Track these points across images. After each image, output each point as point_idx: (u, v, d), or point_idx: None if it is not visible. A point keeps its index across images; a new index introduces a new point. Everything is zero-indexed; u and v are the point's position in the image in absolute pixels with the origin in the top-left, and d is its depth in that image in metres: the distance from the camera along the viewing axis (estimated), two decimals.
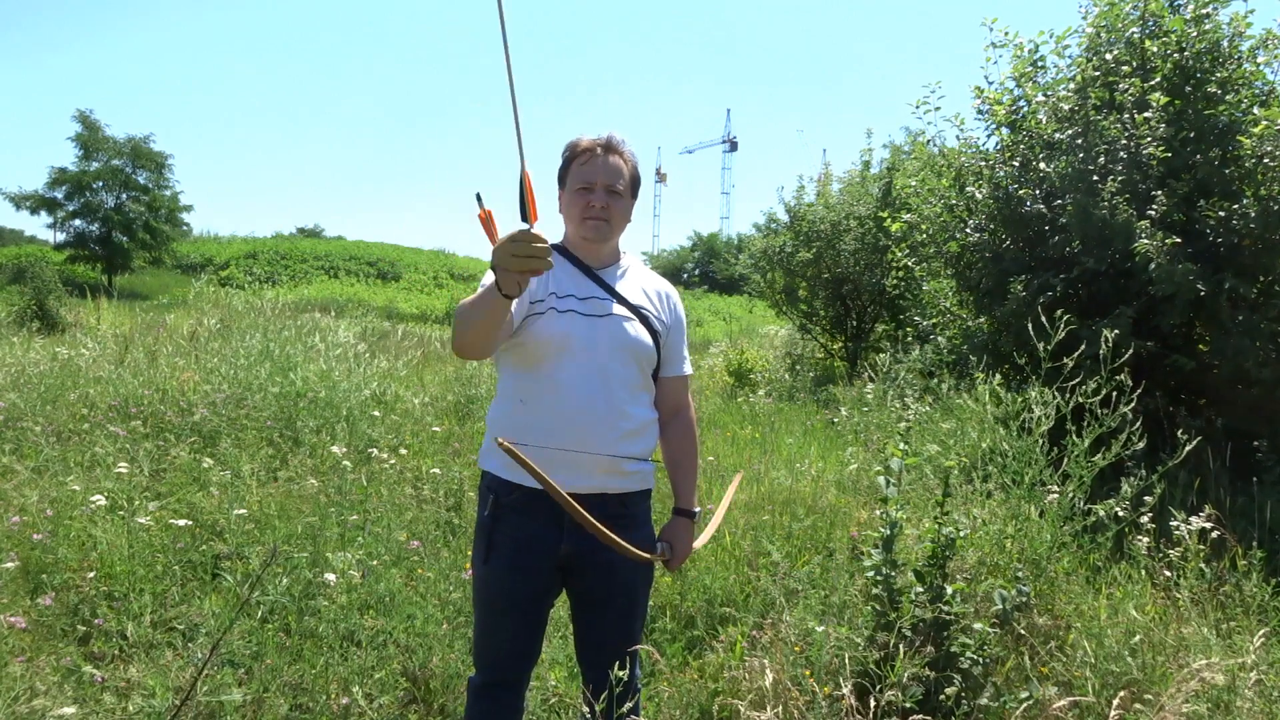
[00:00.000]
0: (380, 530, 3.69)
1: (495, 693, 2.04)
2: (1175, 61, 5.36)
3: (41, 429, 4.85)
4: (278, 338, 7.20)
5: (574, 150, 2.01)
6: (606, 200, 1.98)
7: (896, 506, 2.77)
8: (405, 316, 22.66)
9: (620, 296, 2.01)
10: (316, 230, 52.39)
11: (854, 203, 11.60)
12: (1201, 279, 4.68)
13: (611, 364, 1.94)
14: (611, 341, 1.95)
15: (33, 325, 11.56)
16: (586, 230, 1.99)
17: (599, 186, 1.97)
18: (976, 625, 2.64)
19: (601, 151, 1.98)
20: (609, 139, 2.01)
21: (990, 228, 6.00)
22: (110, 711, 2.49)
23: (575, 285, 2.00)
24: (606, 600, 2.06)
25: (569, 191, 2.01)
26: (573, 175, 2.00)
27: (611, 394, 1.94)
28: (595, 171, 1.97)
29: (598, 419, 1.92)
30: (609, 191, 1.98)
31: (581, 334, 1.93)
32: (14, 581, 3.13)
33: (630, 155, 2.04)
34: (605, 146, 1.99)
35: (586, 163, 1.98)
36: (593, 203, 1.97)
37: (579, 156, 2.00)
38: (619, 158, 2.00)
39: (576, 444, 1.90)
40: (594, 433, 1.91)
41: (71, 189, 29.55)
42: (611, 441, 1.94)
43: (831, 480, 4.90)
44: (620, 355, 1.96)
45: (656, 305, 2.08)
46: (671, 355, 2.11)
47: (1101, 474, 3.28)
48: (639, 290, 2.06)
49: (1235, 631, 2.92)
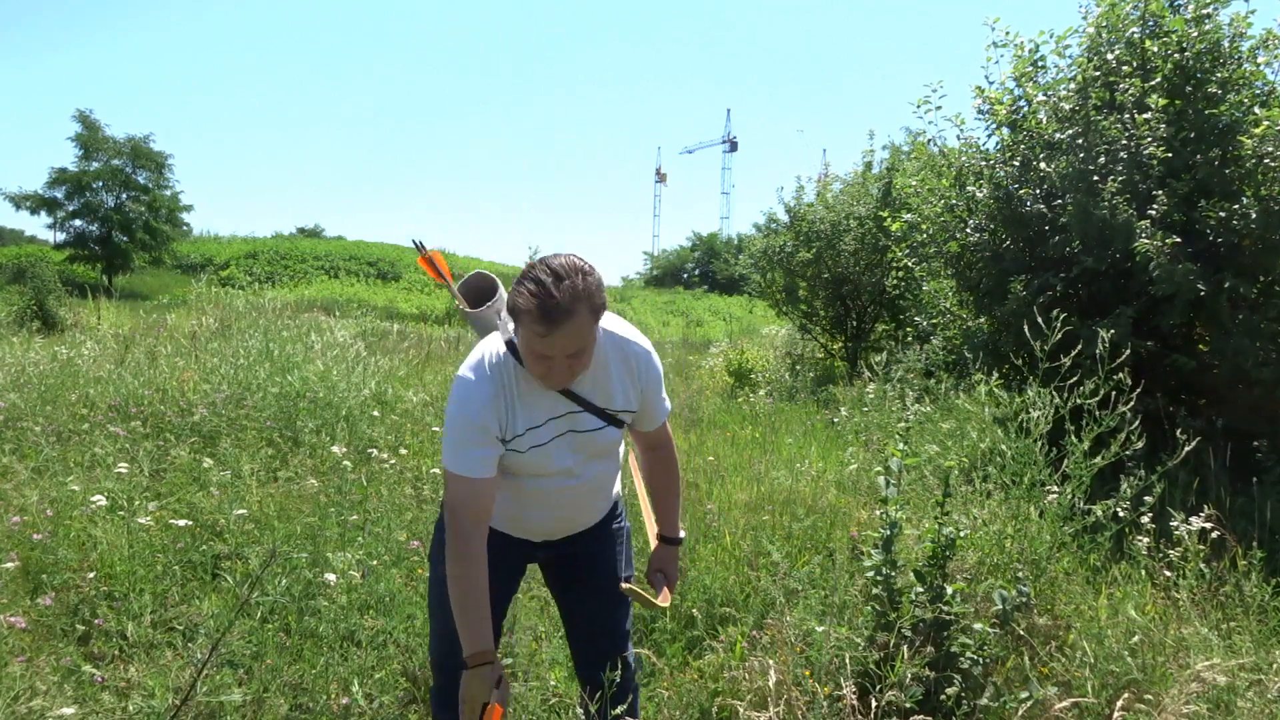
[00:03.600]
0: (380, 530, 3.69)
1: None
2: (1176, 62, 5.36)
3: (41, 429, 4.85)
4: (277, 338, 7.20)
5: (524, 315, 1.66)
6: (570, 363, 1.72)
7: (896, 507, 2.77)
8: (405, 316, 22.65)
9: (590, 405, 1.89)
10: (316, 230, 52.38)
11: (854, 203, 11.59)
12: (1201, 279, 4.68)
13: (591, 466, 1.99)
14: (591, 449, 1.96)
15: (33, 325, 11.56)
16: (547, 385, 1.80)
17: (558, 356, 1.70)
18: (976, 625, 2.64)
19: (559, 322, 1.64)
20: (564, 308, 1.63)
21: (990, 228, 6.00)
22: (110, 711, 2.49)
23: (545, 407, 1.86)
24: (588, 587, 2.12)
25: (524, 344, 1.72)
26: (525, 336, 1.69)
27: (593, 488, 2.04)
28: (552, 346, 1.68)
29: (579, 506, 2.06)
30: (570, 357, 1.71)
31: (555, 456, 1.91)
32: (14, 581, 3.13)
33: (584, 305, 1.66)
34: (563, 316, 1.63)
35: (542, 336, 1.66)
36: (554, 372, 1.74)
37: (532, 325, 1.66)
38: (571, 323, 1.65)
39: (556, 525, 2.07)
40: (574, 516, 2.08)
41: (71, 189, 29.57)
42: (589, 514, 2.11)
43: (831, 480, 4.90)
44: (594, 460, 2.00)
45: (627, 393, 1.94)
46: (649, 413, 2.03)
47: (1101, 474, 3.28)
48: (608, 386, 1.91)
49: (1235, 631, 2.92)
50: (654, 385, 1.99)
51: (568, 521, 2.07)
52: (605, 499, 2.11)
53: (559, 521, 2.06)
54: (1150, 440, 3.46)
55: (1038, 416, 3.23)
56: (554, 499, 1.99)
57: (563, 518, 2.06)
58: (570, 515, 2.06)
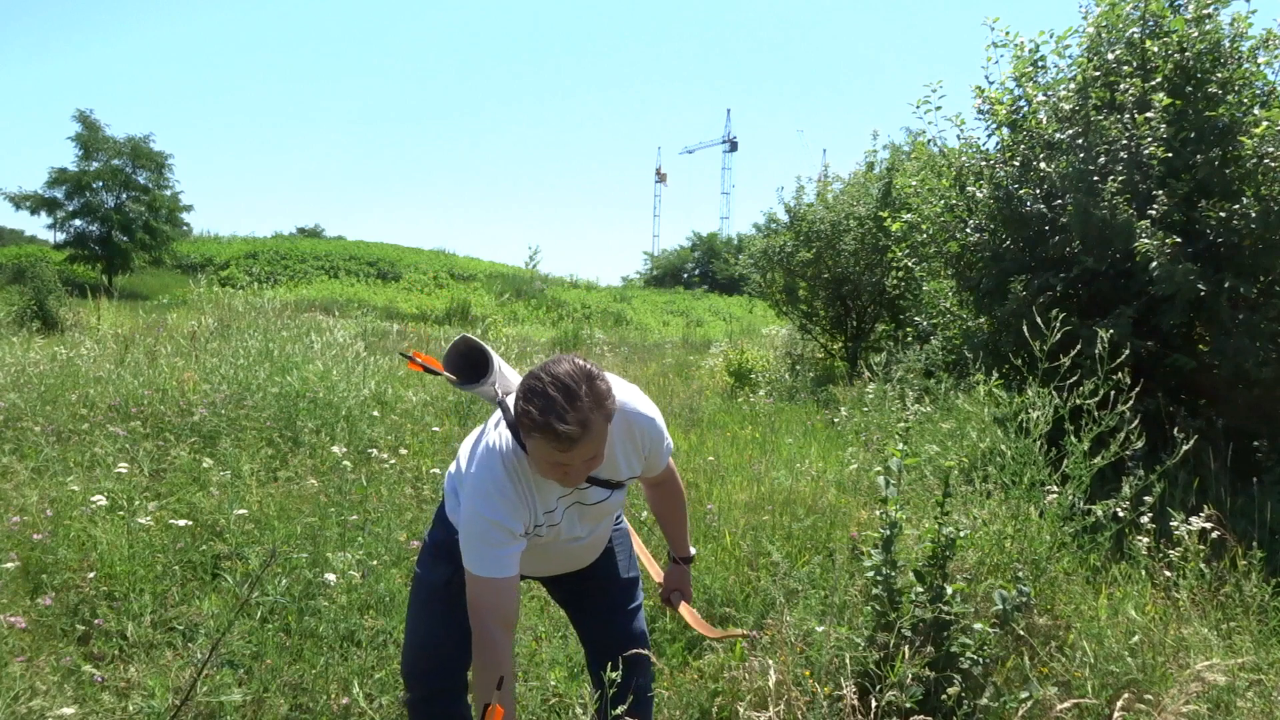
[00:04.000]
0: (380, 530, 3.69)
1: (443, 703, 2.04)
2: (1176, 62, 5.36)
3: (41, 429, 4.85)
4: (277, 338, 7.20)
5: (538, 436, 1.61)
6: (586, 466, 1.69)
7: (896, 507, 2.76)
8: (405, 316, 22.65)
9: (596, 480, 1.89)
10: (316, 230, 52.33)
11: (854, 203, 11.59)
12: (1202, 279, 4.68)
13: (592, 532, 2.05)
14: (579, 524, 1.99)
15: (33, 325, 11.55)
16: (562, 484, 1.76)
17: (577, 465, 1.67)
18: (976, 625, 2.64)
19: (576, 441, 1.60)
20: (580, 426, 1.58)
21: (990, 228, 6.00)
22: (110, 711, 2.49)
23: (549, 496, 1.85)
24: (594, 590, 2.17)
25: (537, 455, 1.66)
26: (540, 450, 1.64)
27: (594, 543, 2.10)
28: (569, 459, 1.64)
29: (578, 561, 2.13)
30: (586, 462, 1.68)
31: (565, 528, 1.95)
32: (14, 581, 3.13)
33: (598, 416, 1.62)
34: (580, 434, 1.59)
35: (561, 451, 1.62)
36: (571, 476, 1.70)
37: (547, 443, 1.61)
38: (587, 438, 1.61)
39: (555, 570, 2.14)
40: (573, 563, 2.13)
41: (71, 189, 29.54)
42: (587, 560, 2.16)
43: (831, 480, 4.90)
44: (589, 526, 2.03)
45: (631, 462, 1.93)
46: (654, 466, 2.02)
47: (1101, 474, 3.28)
48: (614, 463, 1.89)
49: (1235, 631, 2.92)
50: (656, 444, 1.96)
51: (568, 567, 2.14)
52: (604, 544, 2.17)
53: (561, 568, 2.13)
54: (1150, 440, 3.46)
55: (1037, 416, 3.23)
56: (558, 553, 2.04)
57: (566, 565, 2.13)
58: (572, 563, 2.13)
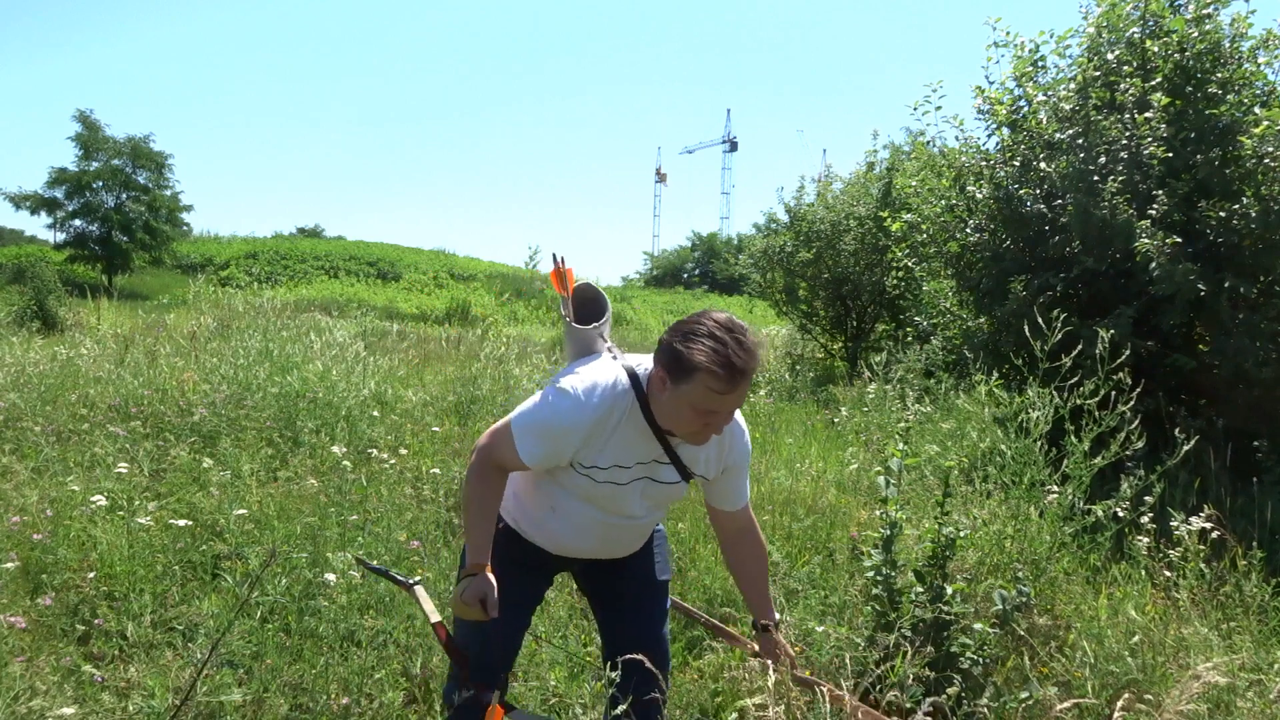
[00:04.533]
0: (380, 530, 3.68)
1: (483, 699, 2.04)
2: (1176, 62, 5.36)
3: (41, 429, 4.84)
4: (277, 338, 7.19)
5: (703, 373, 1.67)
6: (727, 420, 1.78)
7: (896, 507, 2.77)
8: (405, 316, 22.65)
9: (676, 459, 1.89)
10: (316, 230, 52.32)
11: (854, 203, 11.60)
12: (1202, 279, 4.68)
13: (647, 516, 2.00)
14: (641, 500, 1.95)
15: (33, 325, 11.55)
16: (692, 441, 1.82)
17: (723, 413, 1.74)
18: (976, 625, 2.64)
19: (738, 381, 1.69)
20: (744, 366, 1.67)
21: (990, 228, 6.00)
22: (110, 711, 2.49)
23: (637, 452, 1.86)
24: (628, 592, 2.11)
25: (686, 401, 1.71)
26: (694, 393, 1.69)
27: (641, 526, 2.03)
28: (725, 403, 1.71)
29: (623, 546, 2.07)
30: (727, 416, 1.76)
31: (627, 499, 1.93)
32: (14, 581, 3.13)
33: (758, 356, 1.72)
34: (742, 374, 1.68)
35: (722, 393, 1.69)
36: (712, 427, 1.76)
37: (712, 383, 1.67)
38: (746, 383, 1.72)
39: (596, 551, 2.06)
40: (616, 546, 2.07)
41: (71, 189, 29.53)
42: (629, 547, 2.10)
43: (831, 480, 4.90)
44: (656, 509, 2.00)
45: (709, 461, 1.94)
46: (729, 489, 2.01)
47: (1101, 474, 3.28)
48: (699, 454, 1.92)
49: (1235, 631, 2.92)
50: (739, 461, 1.98)
51: (608, 551, 2.07)
52: (646, 537, 2.12)
53: (601, 550, 2.06)
54: (1150, 440, 3.46)
55: (1038, 416, 3.23)
56: (604, 531, 1.99)
57: (606, 548, 2.06)
58: (613, 548, 2.07)
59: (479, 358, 7.60)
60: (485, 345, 8.09)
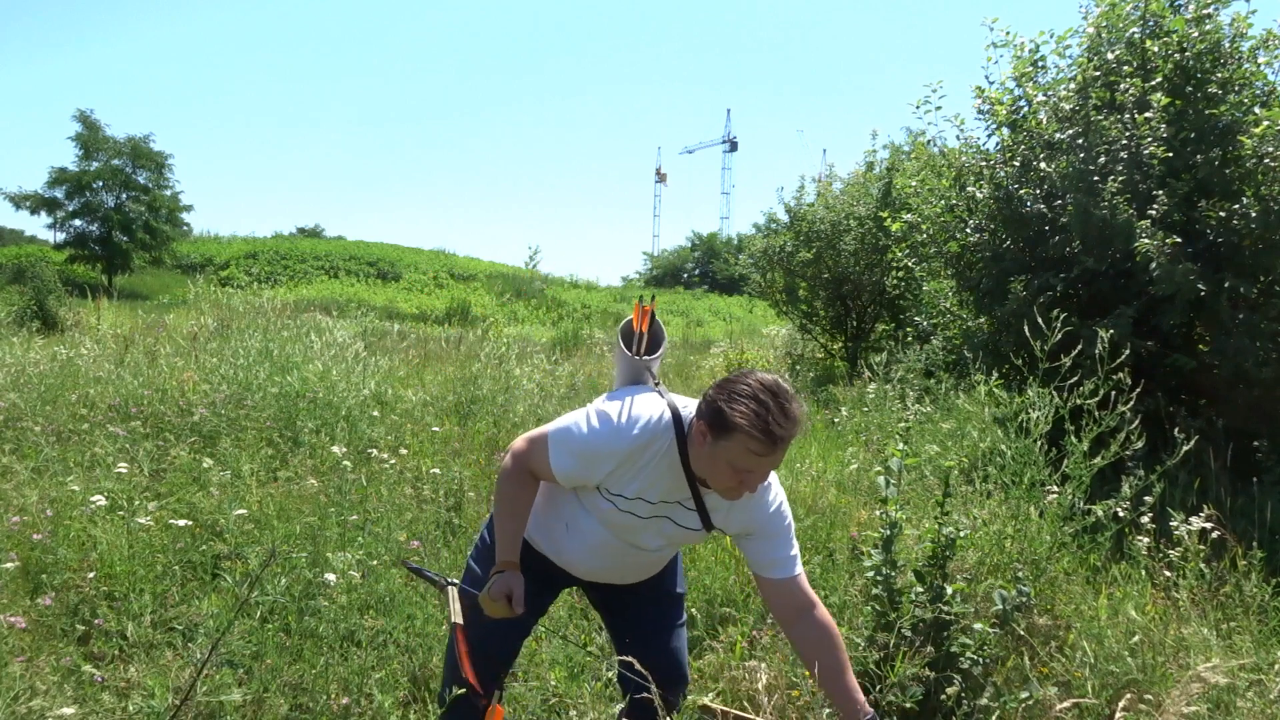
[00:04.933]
0: (380, 530, 3.68)
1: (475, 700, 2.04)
2: (1176, 62, 5.36)
3: (41, 429, 4.84)
4: (277, 338, 7.19)
5: (742, 434, 1.68)
6: (758, 484, 1.76)
7: (896, 507, 2.76)
8: (405, 316, 22.66)
9: (700, 506, 1.88)
10: (316, 230, 52.33)
11: (854, 203, 11.60)
12: (1202, 279, 4.68)
13: (660, 552, 2.01)
14: (659, 537, 1.95)
15: (33, 325, 11.54)
16: (727, 496, 1.81)
17: (761, 475, 1.74)
18: (976, 625, 2.64)
19: (778, 445, 1.69)
20: (785, 434, 1.68)
21: (990, 228, 6.00)
22: (110, 711, 2.49)
23: (664, 489, 1.86)
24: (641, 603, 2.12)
25: (725, 458, 1.72)
26: (733, 452, 1.70)
27: (650, 565, 2.06)
28: (763, 465, 1.72)
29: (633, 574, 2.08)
30: (762, 476, 1.76)
31: (644, 534, 1.93)
32: (14, 581, 3.13)
33: (800, 423, 1.72)
34: (782, 440, 1.69)
35: (759, 455, 1.69)
36: (745, 486, 1.75)
37: (751, 445, 1.68)
38: (784, 450, 1.72)
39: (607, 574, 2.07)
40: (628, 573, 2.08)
41: (71, 189, 29.55)
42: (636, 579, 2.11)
43: (831, 480, 4.89)
44: (660, 544, 1.99)
45: (732, 518, 1.91)
46: (763, 556, 1.91)
47: (1101, 474, 3.28)
48: (730, 512, 1.90)
49: (1235, 631, 2.92)
50: (763, 524, 1.91)
51: (618, 576, 2.07)
52: (659, 568, 2.12)
53: (610, 574, 2.06)
54: (1150, 440, 3.46)
55: (1038, 417, 3.23)
56: (616, 556, 1.99)
57: (616, 573, 2.06)
58: (623, 574, 2.07)
59: (479, 358, 7.59)
60: (485, 345, 8.08)
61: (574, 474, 1.87)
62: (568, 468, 1.86)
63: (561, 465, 1.86)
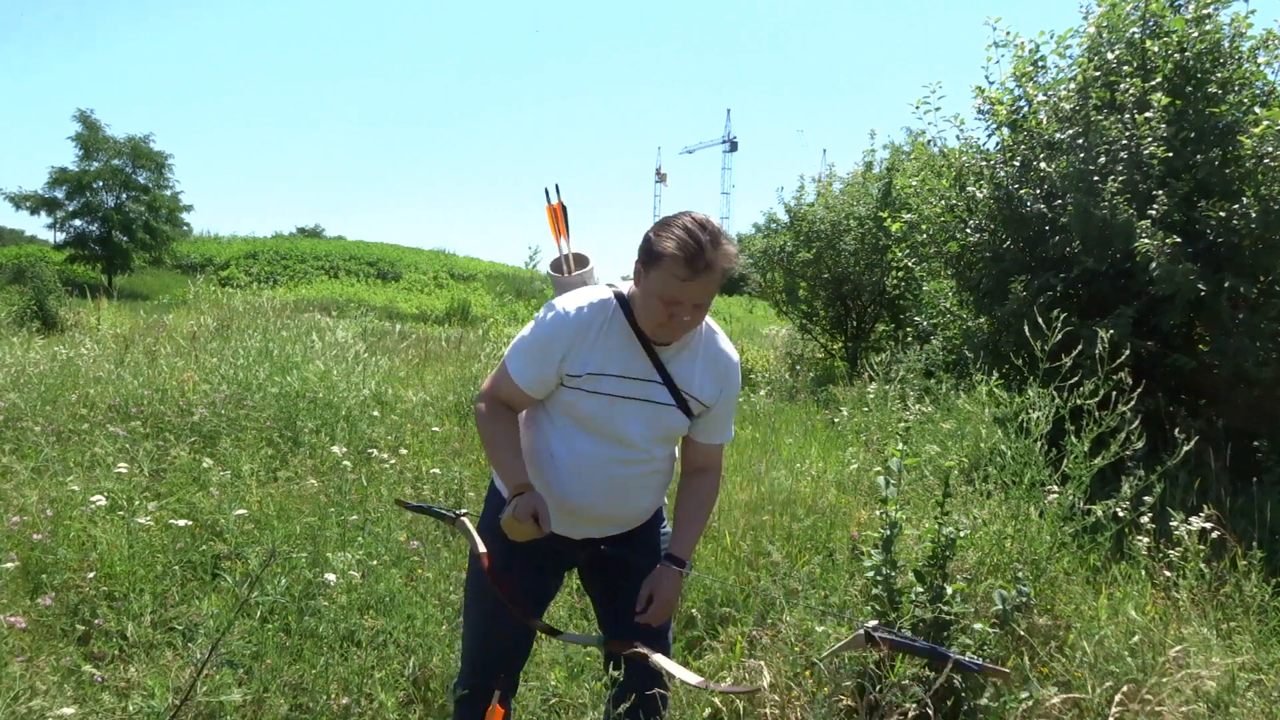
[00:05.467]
0: (380, 530, 3.68)
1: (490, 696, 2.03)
2: (1176, 62, 5.36)
3: (41, 429, 4.84)
4: (277, 338, 7.20)
5: (669, 258, 1.75)
6: (693, 315, 1.82)
7: (896, 507, 2.76)
8: (405, 316, 22.66)
9: (670, 381, 1.92)
10: (316, 230, 52.33)
11: (854, 203, 11.60)
12: (1202, 279, 4.68)
13: (648, 443, 1.97)
14: (654, 424, 1.94)
15: (33, 325, 11.55)
16: (660, 335, 1.87)
17: (686, 304, 1.79)
18: (976, 625, 2.63)
19: (701, 271, 1.75)
20: (709, 259, 1.74)
21: (990, 228, 6.00)
22: (110, 711, 2.49)
23: (622, 361, 1.89)
24: (631, 595, 2.05)
25: (652, 292, 1.80)
26: (660, 281, 1.78)
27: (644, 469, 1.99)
28: (687, 292, 1.77)
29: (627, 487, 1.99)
30: (695, 307, 1.81)
31: (622, 414, 1.91)
32: (14, 581, 3.13)
33: (728, 256, 1.79)
34: (706, 266, 1.75)
35: (683, 281, 1.75)
36: (676, 318, 1.80)
37: (674, 268, 1.75)
38: (710, 275, 1.77)
39: (601, 507, 1.98)
40: (620, 500, 2.00)
41: (72, 189, 29.55)
42: (635, 506, 2.03)
43: (831, 480, 4.89)
44: (659, 443, 1.98)
45: (705, 387, 1.96)
46: (712, 426, 2.03)
47: (1101, 474, 3.28)
48: (691, 370, 1.94)
49: (1235, 631, 2.92)
50: (731, 396, 2.02)
51: (615, 505, 1.99)
52: (653, 496, 2.06)
53: (607, 504, 1.98)
54: (1150, 440, 3.46)
55: (1038, 417, 3.22)
56: (607, 476, 1.94)
57: (611, 501, 1.98)
58: (619, 500, 1.99)
59: (479, 358, 7.60)
60: (485, 345, 8.09)
61: (535, 374, 1.91)
62: (527, 369, 1.91)
63: (521, 370, 1.91)
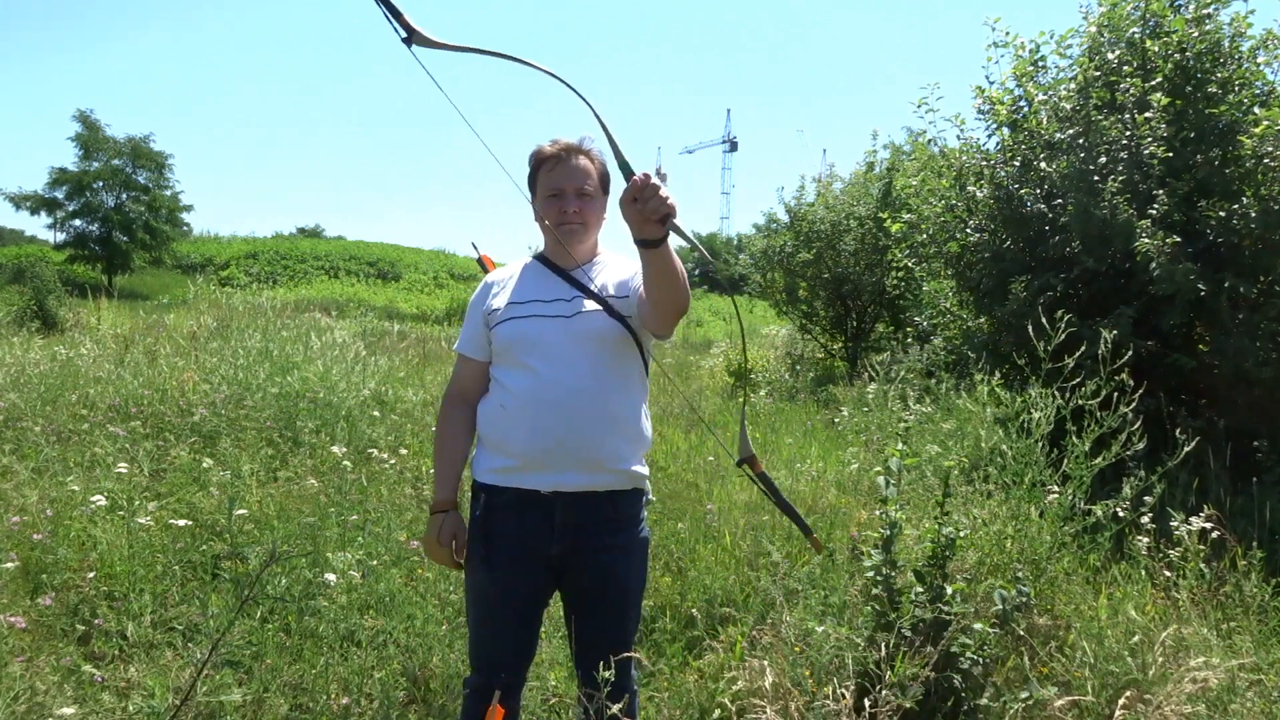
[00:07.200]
0: (380, 530, 3.68)
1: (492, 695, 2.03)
2: (1176, 62, 5.36)
3: (41, 429, 4.84)
4: (277, 338, 7.19)
5: (539, 158, 2.03)
6: (578, 204, 1.99)
7: (896, 507, 2.76)
8: (405, 316, 22.67)
9: (590, 291, 2.01)
10: (316, 230, 52.37)
11: (854, 203, 11.59)
12: (1202, 279, 4.68)
13: (583, 359, 1.93)
14: (582, 335, 1.96)
15: (33, 325, 11.55)
16: (562, 235, 2.00)
17: (569, 191, 1.99)
18: (976, 625, 2.63)
19: (566, 155, 1.99)
20: (570, 143, 2.02)
21: (991, 228, 6.00)
22: (110, 711, 2.49)
23: (541, 289, 2.03)
24: (599, 600, 2.04)
25: (540, 200, 2.02)
26: (541, 183, 2.02)
27: (587, 388, 1.92)
28: (562, 177, 1.98)
29: (576, 412, 1.91)
30: (579, 194, 1.99)
31: (546, 332, 1.96)
32: (14, 581, 3.13)
33: (597, 154, 2.04)
34: (568, 150, 2.00)
35: (553, 169, 1.99)
36: (565, 208, 1.99)
37: (545, 164, 2.01)
38: (584, 158, 2.00)
39: (556, 442, 1.91)
40: (574, 428, 1.91)
41: (72, 189, 29.60)
42: (593, 439, 1.93)
43: (832, 480, 4.89)
44: (590, 346, 1.95)
45: (625, 276, 2.04)
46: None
47: (1102, 474, 3.28)
48: (607, 278, 2.05)
49: (1235, 631, 2.92)
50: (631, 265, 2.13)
51: (566, 444, 1.90)
52: (612, 437, 1.95)
53: (565, 448, 1.90)
54: (1151, 440, 3.46)
55: (1039, 417, 3.22)
56: (556, 412, 1.88)
57: (569, 443, 1.90)
58: (578, 439, 1.90)
59: None
60: None
61: (468, 334, 2.08)
62: (463, 334, 2.09)
63: (464, 339, 2.09)
